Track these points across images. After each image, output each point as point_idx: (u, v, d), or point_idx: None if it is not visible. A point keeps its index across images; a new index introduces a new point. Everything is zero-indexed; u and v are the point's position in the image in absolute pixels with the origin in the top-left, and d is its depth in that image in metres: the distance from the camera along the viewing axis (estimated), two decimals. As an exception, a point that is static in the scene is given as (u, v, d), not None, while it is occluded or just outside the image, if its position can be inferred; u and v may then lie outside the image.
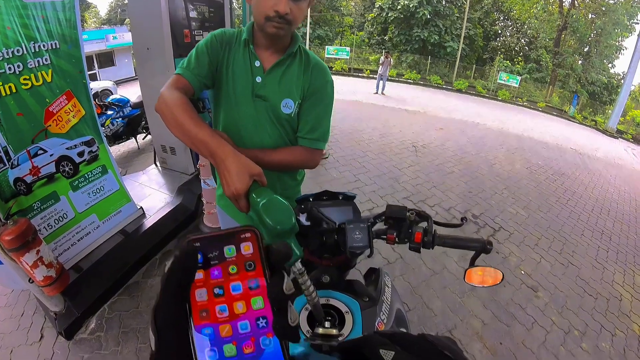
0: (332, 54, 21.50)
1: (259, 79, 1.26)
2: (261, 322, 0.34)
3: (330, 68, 20.59)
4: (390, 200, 4.75)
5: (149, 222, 3.27)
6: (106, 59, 19.10)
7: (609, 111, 20.07)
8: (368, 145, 7.03)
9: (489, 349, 2.77)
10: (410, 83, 19.51)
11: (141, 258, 3.03)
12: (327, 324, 0.83)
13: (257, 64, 1.26)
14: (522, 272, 3.83)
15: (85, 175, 2.75)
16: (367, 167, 5.84)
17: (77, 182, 2.69)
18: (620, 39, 23.98)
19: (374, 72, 20.28)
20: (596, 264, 4.41)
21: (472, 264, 1.00)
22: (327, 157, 5.96)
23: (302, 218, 1.04)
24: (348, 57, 21.57)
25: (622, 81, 20.52)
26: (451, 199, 5.20)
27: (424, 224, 1.01)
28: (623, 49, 24.46)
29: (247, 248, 0.36)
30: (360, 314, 0.90)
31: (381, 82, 13.91)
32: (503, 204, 5.36)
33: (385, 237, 1.03)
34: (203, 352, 0.31)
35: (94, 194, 2.83)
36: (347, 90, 14.15)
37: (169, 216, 3.44)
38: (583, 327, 3.25)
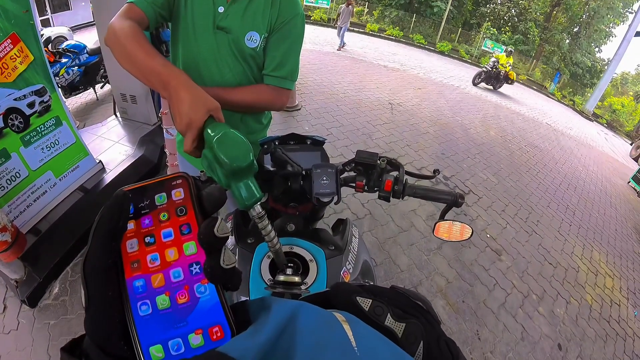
0: (312, 2, 20.50)
1: (221, 9, 1.17)
2: (195, 268, 0.33)
3: (309, 17, 19.71)
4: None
5: (109, 177, 3.18)
6: (60, 2, 17.35)
7: (589, 94, 21.01)
8: (343, 99, 6.87)
9: (451, 306, 2.89)
10: (392, 39, 19.05)
11: (102, 216, 2.93)
12: (289, 271, 0.83)
13: None
14: (488, 235, 3.94)
15: (37, 128, 2.55)
16: (340, 121, 5.73)
17: (28, 136, 2.49)
18: (611, 25, 24.51)
19: (355, 24, 19.64)
20: (558, 236, 4.62)
21: (442, 217, 1.00)
22: (299, 109, 5.73)
23: (267, 163, 1.01)
24: (328, 7, 20.64)
25: (606, 67, 21.38)
26: (423, 159, 5.22)
27: (395, 173, 0.99)
28: (612, 36, 24.98)
29: (178, 194, 0.36)
30: (325, 262, 0.90)
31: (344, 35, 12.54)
32: (474, 169, 5.46)
33: (353, 184, 1.01)
34: (135, 305, 0.31)
35: (48, 148, 2.64)
36: (324, 41, 13.56)
37: (130, 170, 3.35)
38: (541, 292, 3.43)
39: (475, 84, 12.17)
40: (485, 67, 12.21)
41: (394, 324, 0.37)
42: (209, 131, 0.66)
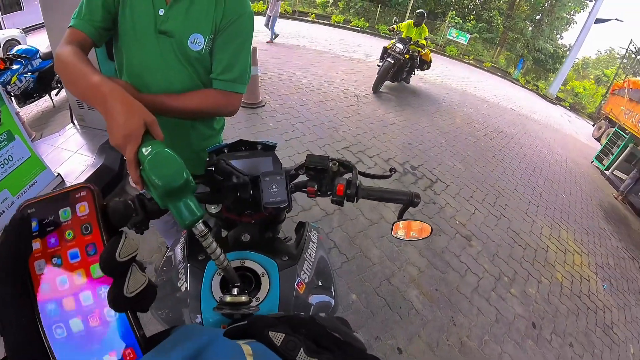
0: (272, -6, 20.35)
1: (161, 12, 1.12)
2: (103, 292, 0.32)
3: (273, 9, 19.61)
4: (329, 151, 4.68)
5: (69, 189, 3.01)
6: (11, 1, 16.57)
7: (551, 79, 22.05)
8: (308, 93, 6.82)
9: (425, 295, 2.92)
10: (357, 31, 19.15)
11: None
12: (235, 291, 0.79)
13: None
14: (457, 222, 3.98)
15: (-12, 145, 2.45)
16: (306, 116, 5.67)
17: (-22, 155, 2.40)
18: (572, 12, 25.73)
19: (320, 16, 19.59)
20: (526, 217, 4.74)
21: (400, 217, 0.98)
22: (263, 105, 5.64)
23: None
24: None
25: (568, 52, 22.46)
26: (391, 150, 5.25)
27: (348, 175, 0.97)
28: (573, 23, 26.36)
29: (82, 209, 0.34)
30: (278, 274, 0.88)
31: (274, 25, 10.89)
32: (441, 157, 5.53)
33: (305, 190, 0.98)
34: (50, 328, 0.30)
35: (2, 165, 2.54)
36: (288, 33, 13.49)
37: (91, 180, 3.11)
38: (512, 274, 3.51)
39: (376, 90, 7.90)
40: (392, 54, 7.74)
41: (306, 359, 0.38)
42: (143, 151, 0.64)
